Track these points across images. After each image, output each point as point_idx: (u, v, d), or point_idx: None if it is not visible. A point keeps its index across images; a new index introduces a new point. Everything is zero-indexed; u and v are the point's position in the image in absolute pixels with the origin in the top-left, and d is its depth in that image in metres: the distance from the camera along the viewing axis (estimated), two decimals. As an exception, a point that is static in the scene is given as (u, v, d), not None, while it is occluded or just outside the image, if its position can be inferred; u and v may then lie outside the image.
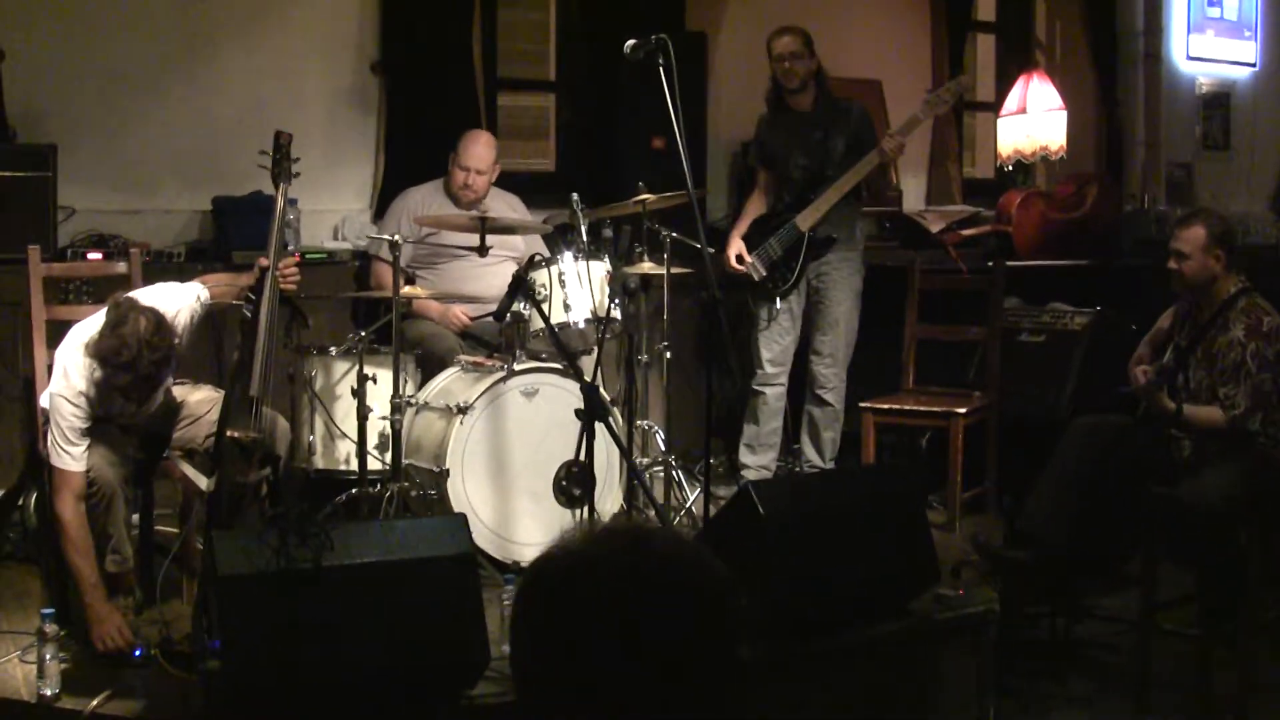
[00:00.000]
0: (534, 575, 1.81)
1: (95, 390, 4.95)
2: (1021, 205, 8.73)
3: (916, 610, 5.21)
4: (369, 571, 4.32)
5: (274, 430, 5.45)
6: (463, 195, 6.77)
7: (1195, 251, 5.58)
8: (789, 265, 6.95)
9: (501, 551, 5.78)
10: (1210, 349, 5.55)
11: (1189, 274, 5.62)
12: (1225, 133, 11.09)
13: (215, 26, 6.88)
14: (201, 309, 5.31)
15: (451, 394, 5.99)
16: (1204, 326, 5.60)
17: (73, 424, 4.93)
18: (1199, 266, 5.59)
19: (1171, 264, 5.67)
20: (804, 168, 6.98)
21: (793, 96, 6.99)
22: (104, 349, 4.76)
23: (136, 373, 4.77)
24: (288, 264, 5.30)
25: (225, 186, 6.73)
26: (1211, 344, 5.55)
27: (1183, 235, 5.64)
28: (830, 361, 7.04)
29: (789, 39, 6.94)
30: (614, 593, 1.72)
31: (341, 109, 7.22)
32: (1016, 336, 7.54)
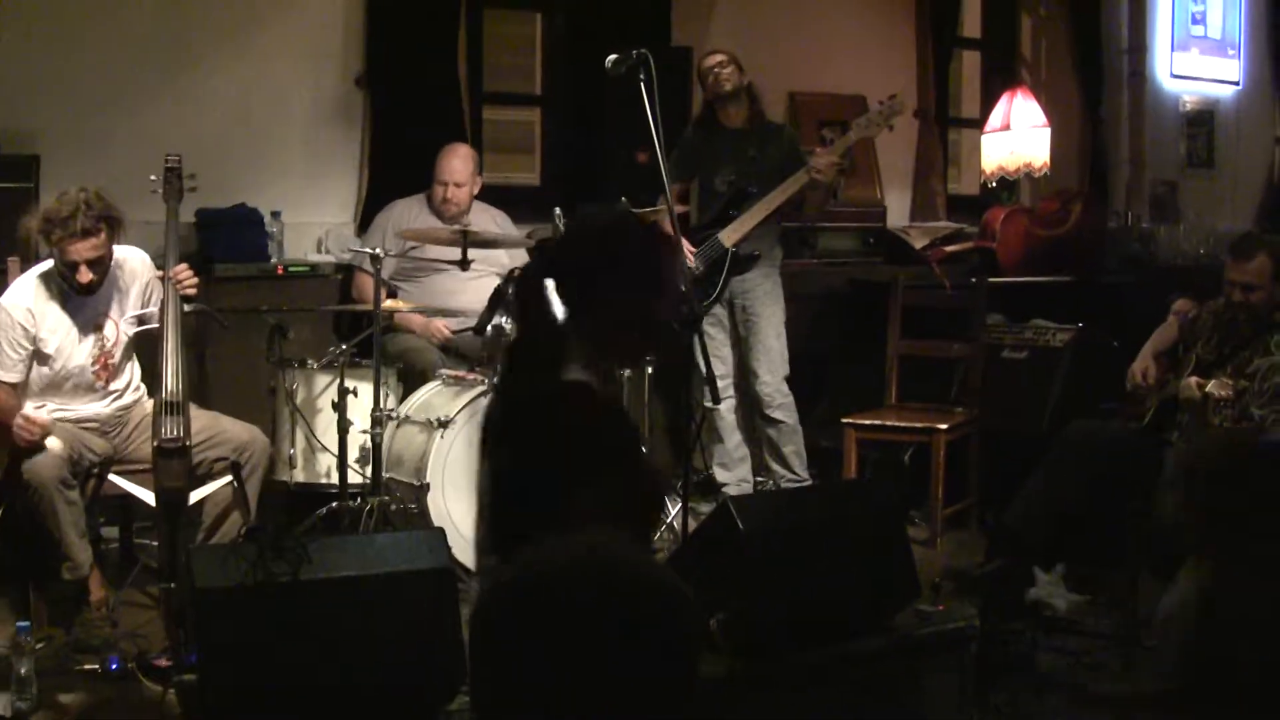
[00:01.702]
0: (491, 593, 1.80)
1: (41, 302, 5.30)
2: (1005, 222, 8.74)
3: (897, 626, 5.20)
4: (347, 585, 4.30)
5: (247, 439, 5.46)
6: (445, 209, 6.79)
7: (1265, 281, 5.52)
8: (711, 281, 6.97)
9: (481, 565, 5.77)
10: (1243, 369, 5.51)
11: (1259, 304, 5.54)
12: (1209, 150, 11.12)
13: (199, 39, 6.87)
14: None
15: (432, 408, 5.99)
16: (1239, 344, 5.56)
17: (9, 336, 5.22)
18: (1265, 297, 5.53)
19: (1238, 296, 5.58)
20: (730, 183, 7.00)
21: (725, 111, 7.03)
22: (48, 210, 5.14)
23: (80, 227, 5.09)
24: (180, 270, 5.33)
25: (209, 199, 6.71)
26: (1246, 364, 5.51)
27: (1248, 267, 5.55)
28: (770, 378, 7.05)
29: (716, 54, 7.10)
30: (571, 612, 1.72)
31: (325, 122, 7.21)
32: (999, 353, 7.55)
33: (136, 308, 5.49)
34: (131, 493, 5.24)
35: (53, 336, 5.31)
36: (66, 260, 5.18)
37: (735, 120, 7.05)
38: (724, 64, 7.00)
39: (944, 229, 8.87)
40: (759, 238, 6.99)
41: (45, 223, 5.14)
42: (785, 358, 7.10)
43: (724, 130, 7.06)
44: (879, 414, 7.22)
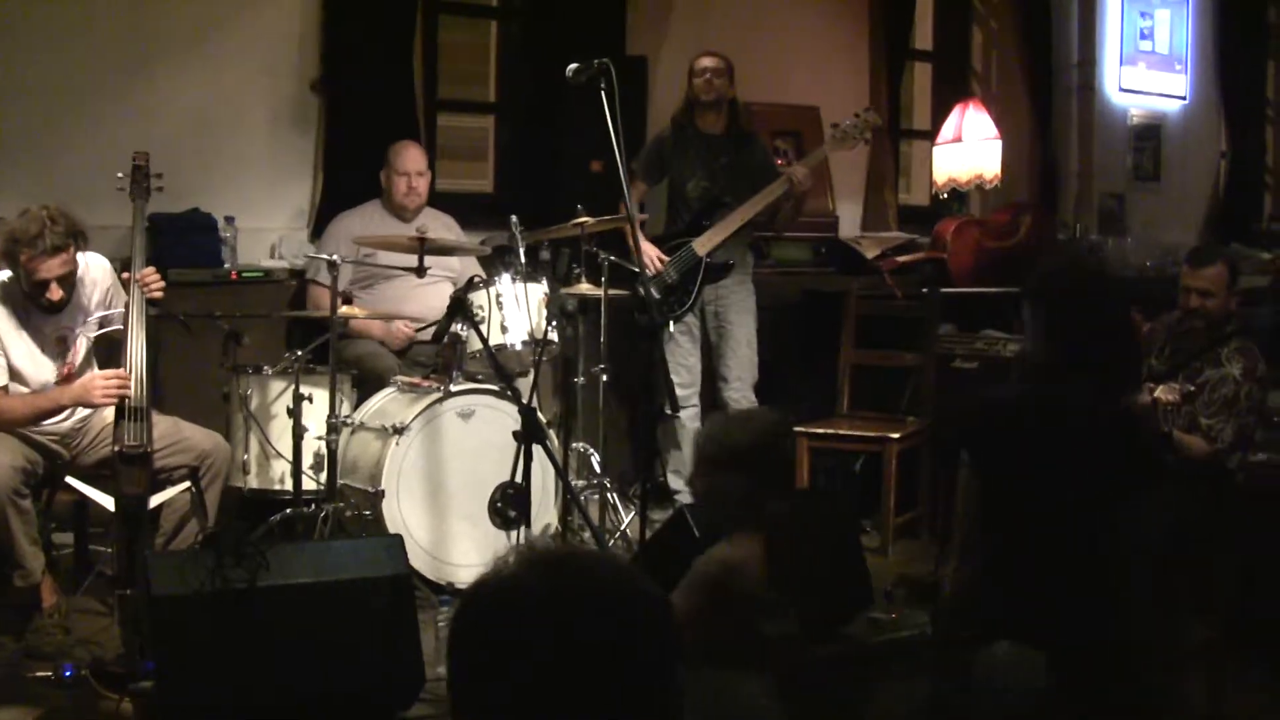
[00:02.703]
0: (469, 600, 1.81)
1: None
2: (956, 233, 8.79)
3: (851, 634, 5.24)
4: (304, 592, 4.31)
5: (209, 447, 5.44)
6: (409, 203, 6.78)
7: (1221, 289, 5.57)
8: (685, 289, 7.00)
9: (436, 573, 5.77)
10: (1195, 379, 5.56)
11: (1214, 311, 5.59)
12: (1156, 164, 11.23)
13: (155, 44, 6.84)
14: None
15: (388, 414, 5.98)
16: (1190, 356, 5.61)
17: None
18: (1220, 306, 5.58)
19: (1194, 302, 5.63)
20: (703, 193, 7.03)
21: (703, 117, 7.06)
22: (12, 228, 5.09)
23: (50, 245, 5.05)
24: (148, 273, 5.31)
25: (163, 204, 6.67)
26: (1197, 374, 5.56)
27: (1205, 274, 5.59)
28: (739, 386, 7.10)
29: (714, 58, 7.09)
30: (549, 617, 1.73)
31: (280, 128, 7.18)
32: (950, 363, 7.58)
33: (97, 315, 5.46)
34: (90, 497, 5.20)
35: (14, 357, 5.26)
36: (36, 280, 5.13)
37: (712, 126, 7.09)
38: (717, 72, 7.04)
39: (895, 239, 8.91)
40: (731, 246, 7.03)
41: (11, 243, 5.10)
42: (755, 366, 7.14)
43: (699, 135, 7.08)
44: (831, 423, 7.26)
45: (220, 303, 6.48)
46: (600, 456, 6.69)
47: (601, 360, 6.60)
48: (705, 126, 7.08)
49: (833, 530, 5.46)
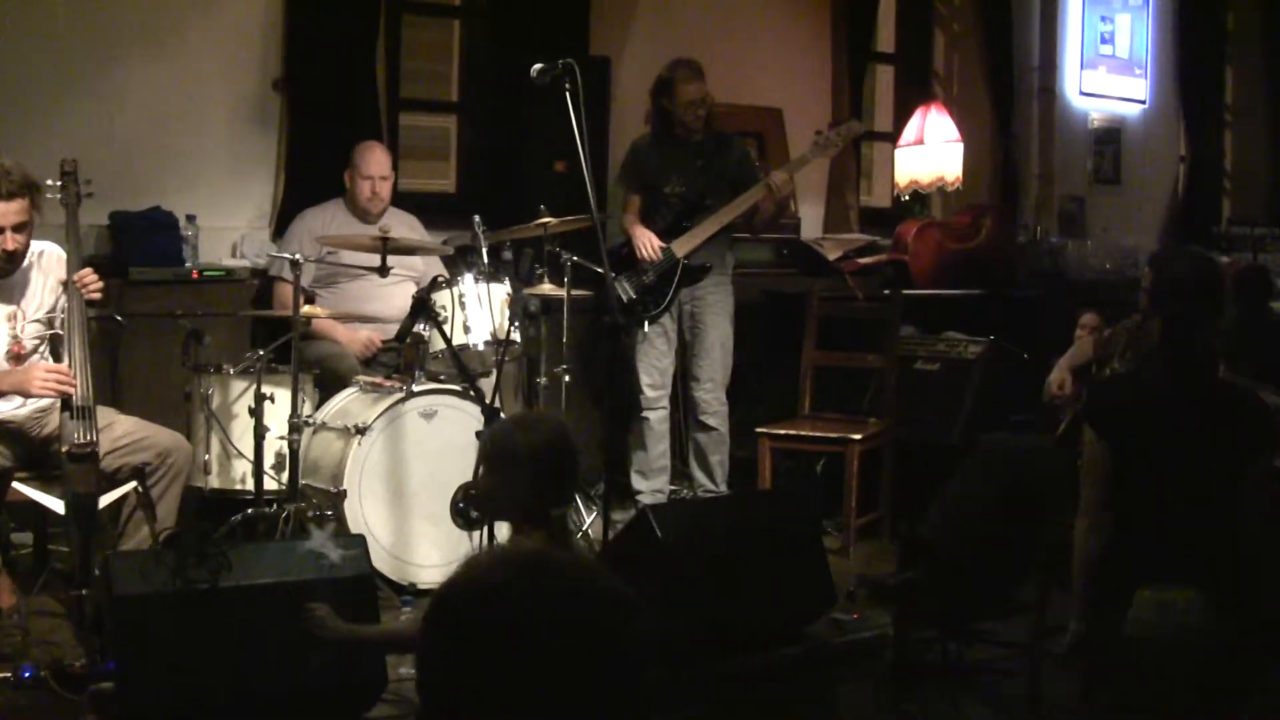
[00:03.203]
0: (441, 600, 1.80)
1: None
2: (918, 235, 8.82)
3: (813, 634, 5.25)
4: (266, 592, 4.30)
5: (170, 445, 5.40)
6: (371, 206, 6.75)
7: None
8: (661, 290, 7.01)
9: (398, 573, 5.76)
10: None
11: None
12: (1116, 167, 11.30)
13: (115, 40, 6.81)
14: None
15: (350, 414, 5.97)
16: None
17: None
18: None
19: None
20: (681, 195, 7.04)
21: (684, 126, 7.04)
22: None
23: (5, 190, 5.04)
24: (85, 274, 5.26)
25: (124, 201, 6.66)
26: None
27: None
28: (711, 386, 7.11)
29: (699, 85, 7.00)
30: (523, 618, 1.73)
31: (243, 125, 7.16)
32: (912, 364, 7.61)
33: (49, 302, 5.40)
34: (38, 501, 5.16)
35: None
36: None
37: (691, 133, 7.07)
38: (704, 102, 7.01)
39: (857, 241, 8.94)
40: (711, 249, 7.05)
41: None
42: (728, 368, 7.16)
43: (676, 140, 7.08)
44: (793, 424, 7.27)
45: (181, 302, 6.47)
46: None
47: (564, 360, 6.60)
48: (684, 134, 7.07)
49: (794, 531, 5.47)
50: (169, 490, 5.35)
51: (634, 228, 7.07)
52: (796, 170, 7.37)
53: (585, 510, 6.63)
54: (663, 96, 7.03)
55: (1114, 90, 11.24)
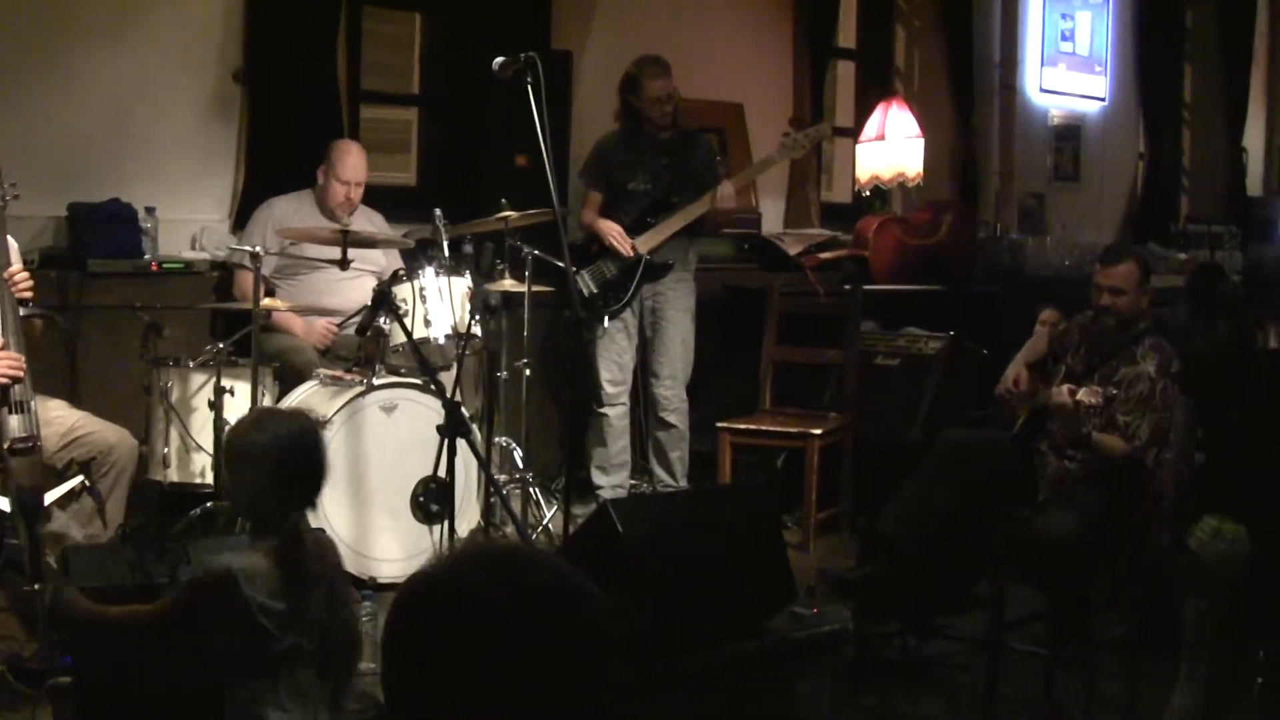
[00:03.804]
0: (406, 595, 1.79)
1: None
2: (878, 230, 8.85)
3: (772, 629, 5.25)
4: (226, 586, 4.28)
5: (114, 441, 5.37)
6: (343, 210, 6.70)
7: (1131, 288, 5.61)
8: (623, 286, 7.02)
9: (359, 567, 5.74)
10: (1110, 376, 5.62)
11: (1125, 309, 5.64)
12: (1076, 164, 11.37)
13: (73, 30, 6.75)
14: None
15: (309, 408, 5.94)
16: (1106, 355, 5.67)
17: None
18: (1133, 302, 5.63)
19: (1105, 300, 5.68)
20: (646, 192, 7.05)
21: (651, 123, 7.05)
22: None
23: None
24: (13, 272, 5.19)
25: (82, 193, 6.62)
26: (1113, 372, 5.61)
27: (1115, 272, 5.64)
28: (670, 383, 7.12)
29: (666, 82, 7.01)
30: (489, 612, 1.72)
31: (202, 118, 7.12)
32: (872, 360, 7.64)
33: None
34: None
35: None
36: None
37: (658, 131, 7.07)
38: (670, 99, 7.02)
39: (818, 237, 8.96)
40: (673, 246, 7.06)
41: None
42: (689, 365, 7.17)
43: (643, 137, 7.08)
44: (754, 419, 7.28)
45: (140, 294, 6.42)
46: (523, 451, 6.69)
47: (525, 355, 6.60)
48: (650, 128, 7.07)
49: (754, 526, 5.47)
50: (116, 485, 5.32)
51: (599, 223, 7.06)
52: (761, 172, 7.41)
53: (545, 505, 6.63)
54: (630, 93, 7.04)
55: (1074, 87, 11.31)
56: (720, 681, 5.00)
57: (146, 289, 6.54)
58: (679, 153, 7.10)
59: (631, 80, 7.03)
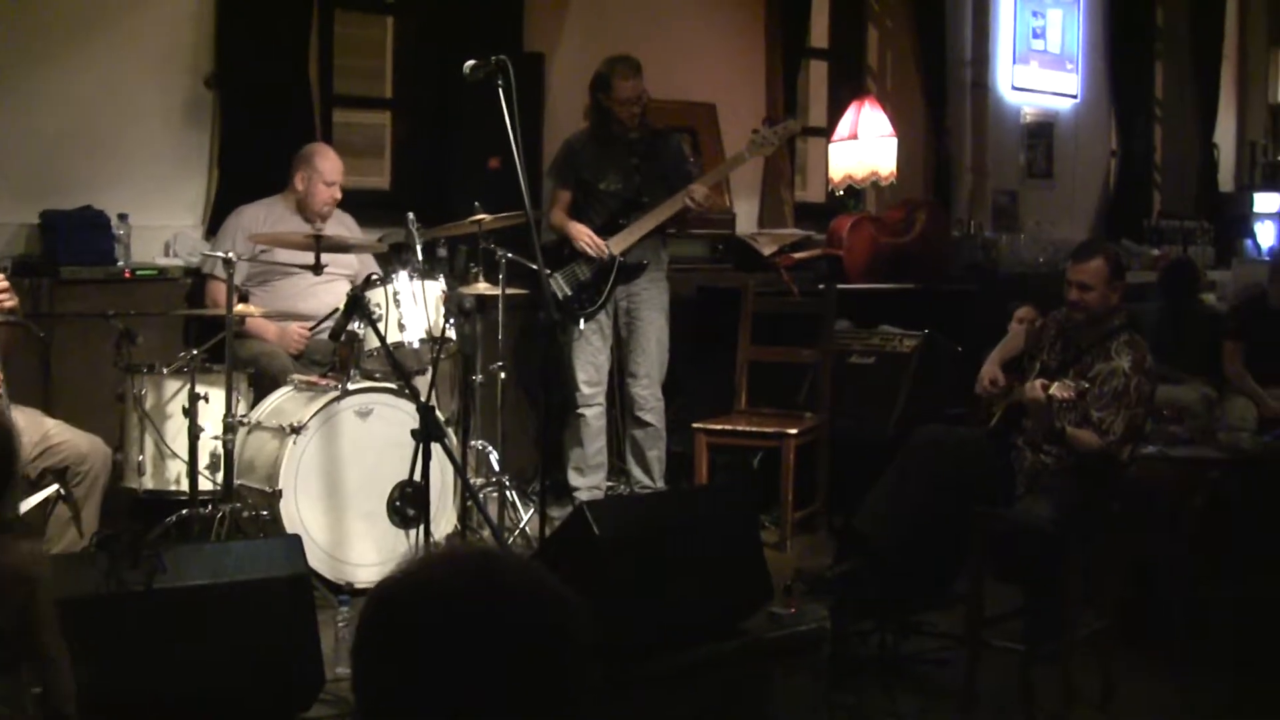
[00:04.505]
0: (378, 598, 1.80)
1: None
2: (852, 229, 8.87)
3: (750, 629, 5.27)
4: (201, 594, 4.27)
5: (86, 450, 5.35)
6: (326, 212, 6.68)
7: (1099, 283, 5.63)
8: (597, 287, 7.02)
9: (335, 572, 5.74)
10: (1085, 372, 5.63)
11: (1094, 305, 5.66)
12: (1049, 161, 11.40)
13: (44, 35, 6.73)
14: None
15: (284, 413, 5.94)
16: (1080, 351, 5.69)
17: None
18: (1102, 298, 5.66)
19: (1074, 295, 5.71)
20: (617, 192, 7.05)
21: (620, 123, 7.05)
22: None
23: None
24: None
25: (54, 200, 6.60)
26: (1087, 368, 5.63)
27: (1084, 268, 5.67)
28: (647, 382, 7.12)
29: (636, 82, 7.00)
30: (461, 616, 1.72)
31: (174, 123, 7.10)
32: (847, 358, 7.65)
33: None
34: None
35: None
36: None
37: (627, 132, 7.07)
38: (640, 99, 7.01)
39: (792, 236, 8.97)
40: (645, 246, 7.06)
41: None
42: (664, 364, 7.17)
43: (611, 136, 7.08)
44: (729, 419, 7.29)
45: (114, 301, 6.40)
46: (499, 454, 6.69)
47: (499, 358, 6.60)
48: (619, 129, 7.07)
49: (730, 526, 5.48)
50: (89, 494, 5.31)
51: (570, 225, 7.07)
52: (732, 169, 7.41)
53: (523, 507, 6.63)
54: (599, 93, 7.04)
55: (1046, 85, 11.34)
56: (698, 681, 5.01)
57: (120, 296, 6.52)
58: (649, 152, 7.11)
59: (602, 80, 7.03)
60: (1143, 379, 5.54)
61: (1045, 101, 11.36)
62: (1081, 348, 5.71)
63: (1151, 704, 5.35)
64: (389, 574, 1.80)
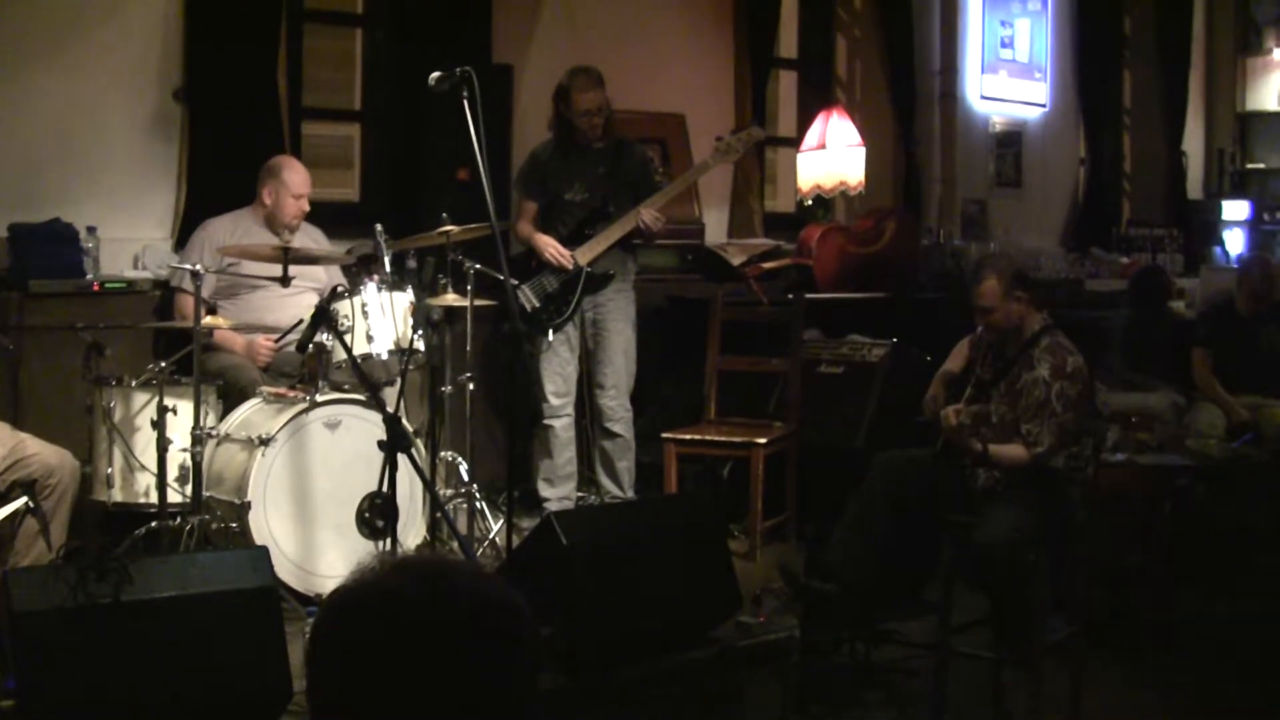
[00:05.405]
0: (331, 607, 1.81)
1: None
2: (821, 239, 8.89)
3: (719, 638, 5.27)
4: (169, 605, 4.27)
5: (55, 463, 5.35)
6: (295, 224, 6.68)
7: (997, 302, 5.68)
8: (565, 299, 7.03)
9: (304, 584, 5.74)
10: (1014, 384, 5.67)
11: (1001, 323, 5.71)
12: (1017, 170, 11.45)
13: (14, 50, 6.72)
14: None
15: (253, 425, 5.94)
16: (1009, 362, 5.73)
17: None
18: (1005, 315, 5.70)
19: (979, 319, 5.78)
20: (584, 202, 7.07)
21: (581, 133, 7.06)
22: None
23: None
24: None
25: (23, 213, 6.59)
26: (1016, 380, 5.67)
27: (979, 291, 5.72)
28: (615, 393, 7.13)
29: (596, 94, 7.01)
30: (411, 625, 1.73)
31: (143, 136, 7.09)
32: (816, 368, 7.67)
33: None
34: None
35: None
36: None
37: (590, 142, 7.08)
38: (601, 110, 7.02)
39: (761, 246, 8.98)
40: (612, 256, 7.08)
41: None
42: (631, 374, 7.18)
43: (576, 146, 7.09)
44: (699, 429, 7.31)
45: (82, 314, 6.40)
46: (468, 465, 6.69)
47: (468, 369, 6.61)
48: (582, 139, 7.08)
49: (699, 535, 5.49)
50: (58, 507, 5.31)
51: (536, 237, 7.08)
52: (697, 178, 7.43)
53: (492, 518, 6.63)
54: (561, 103, 7.05)
55: (1014, 94, 11.39)
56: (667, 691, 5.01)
57: (88, 309, 6.51)
58: (614, 162, 7.12)
59: (562, 91, 7.05)
60: (1065, 384, 5.56)
61: (1014, 110, 11.41)
62: (1008, 359, 5.75)
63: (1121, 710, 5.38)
64: (341, 583, 1.82)
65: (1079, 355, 5.66)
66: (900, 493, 5.75)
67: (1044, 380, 5.57)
